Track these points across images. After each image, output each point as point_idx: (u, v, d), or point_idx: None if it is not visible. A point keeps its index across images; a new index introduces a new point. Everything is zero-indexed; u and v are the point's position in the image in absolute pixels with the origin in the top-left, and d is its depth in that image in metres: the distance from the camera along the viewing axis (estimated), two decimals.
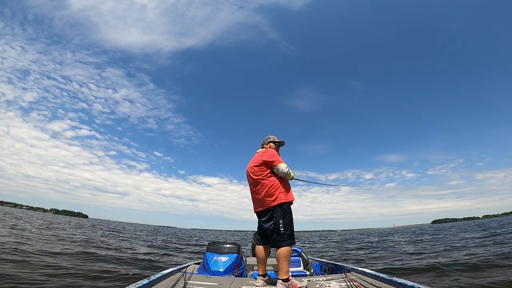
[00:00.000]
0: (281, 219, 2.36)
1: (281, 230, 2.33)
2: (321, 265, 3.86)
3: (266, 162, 2.56)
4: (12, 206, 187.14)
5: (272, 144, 2.88)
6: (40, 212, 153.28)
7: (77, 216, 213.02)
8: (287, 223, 2.37)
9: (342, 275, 2.62)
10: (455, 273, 4.69)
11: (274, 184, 2.49)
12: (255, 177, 2.57)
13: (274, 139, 2.92)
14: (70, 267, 4.80)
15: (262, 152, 2.70)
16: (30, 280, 3.78)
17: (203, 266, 3.12)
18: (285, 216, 2.40)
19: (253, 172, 2.60)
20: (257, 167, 2.59)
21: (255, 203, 2.62)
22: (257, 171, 2.58)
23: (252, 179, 2.61)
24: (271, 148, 2.80)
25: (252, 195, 2.66)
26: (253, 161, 2.71)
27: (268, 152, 2.64)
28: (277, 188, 2.48)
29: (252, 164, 2.66)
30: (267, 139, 2.93)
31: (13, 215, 28.65)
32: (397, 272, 5.25)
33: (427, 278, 4.65)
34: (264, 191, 2.48)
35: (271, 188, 2.47)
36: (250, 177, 2.66)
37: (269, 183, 2.50)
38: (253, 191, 2.62)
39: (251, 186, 2.65)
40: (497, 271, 4.60)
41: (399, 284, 1.93)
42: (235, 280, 2.52)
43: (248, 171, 2.70)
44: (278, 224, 2.35)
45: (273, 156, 2.59)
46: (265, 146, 2.89)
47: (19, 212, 51.55)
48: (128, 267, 5.48)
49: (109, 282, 4.15)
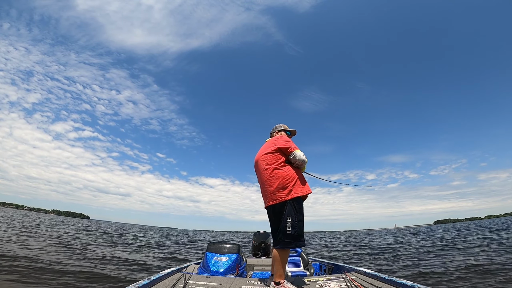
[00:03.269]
0: (289, 218, 2.10)
1: (287, 230, 2.08)
2: (321, 265, 3.85)
3: (281, 149, 2.27)
4: (14, 207, 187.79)
5: (283, 132, 2.60)
6: (41, 213, 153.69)
7: (79, 217, 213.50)
8: (295, 223, 2.11)
9: (342, 275, 2.61)
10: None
11: (289, 174, 2.20)
12: (267, 166, 2.26)
13: (285, 128, 2.66)
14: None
15: (275, 139, 2.40)
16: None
17: (203, 266, 3.12)
18: (295, 214, 2.13)
19: (265, 160, 2.29)
20: (269, 154, 2.29)
21: (265, 197, 2.30)
22: (270, 159, 2.27)
23: (264, 169, 2.28)
24: (284, 135, 2.50)
25: (262, 187, 2.35)
26: (264, 149, 2.41)
27: (282, 138, 2.36)
28: (292, 179, 2.18)
29: (263, 152, 2.36)
30: (278, 127, 2.66)
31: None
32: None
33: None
34: (278, 182, 2.17)
35: (285, 180, 2.17)
36: (260, 167, 2.34)
37: (283, 173, 2.19)
38: (263, 182, 2.30)
39: (262, 177, 2.32)
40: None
41: (399, 284, 1.92)
42: (235, 280, 2.52)
43: (258, 160, 2.40)
44: (286, 223, 2.10)
45: (288, 142, 2.32)
46: (275, 135, 2.61)
47: (17, 213, 51.66)
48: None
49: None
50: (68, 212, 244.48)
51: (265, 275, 3.41)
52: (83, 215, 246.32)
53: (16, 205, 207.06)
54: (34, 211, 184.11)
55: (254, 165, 2.50)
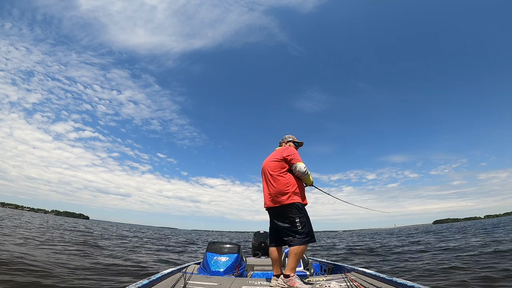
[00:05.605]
0: (297, 218, 2.34)
1: (298, 228, 2.31)
2: (321, 265, 3.85)
3: (286, 159, 2.56)
4: (14, 208, 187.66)
5: (292, 143, 2.89)
6: (41, 214, 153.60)
7: (78, 217, 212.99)
8: (304, 221, 2.34)
9: (342, 275, 2.61)
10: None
11: (290, 181, 2.48)
12: (272, 172, 2.56)
13: (294, 139, 2.92)
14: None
15: (282, 150, 2.69)
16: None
17: (203, 266, 3.12)
18: (301, 214, 2.37)
19: (270, 167, 2.60)
20: (275, 162, 2.59)
21: (267, 199, 2.59)
22: (275, 166, 2.57)
23: (269, 174, 2.59)
24: (291, 147, 2.79)
25: (264, 190, 2.65)
26: (271, 157, 2.71)
27: (289, 150, 2.64)
28: (292, 186, 2.45)
29: (270, 159, 2.67)
30: (287, 138, 2.93)
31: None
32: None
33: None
34: (279, 187, 2.46)
35: (286, 186, 2.45)
36: (266, 172, 2.64)
37: (285, 180, 2.48)
38: (267, 186, 2.61)
39: (267, 181, 2.62)
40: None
41: (399, 284, 1.92)
42: (235, 280, 2.52)
43: (264, 166, 2.71)
44: (295, 223, 2.33)
45: (293, 154, 2.58)
46: (283, 145, 2.89)
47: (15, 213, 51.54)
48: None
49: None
50: (68, 212, 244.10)
51: (265, 275, 3.41)
52: (83, 215, 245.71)
53: (15, 205, 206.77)
54: (34, 212, 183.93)
55: (261, 169, 2.77)
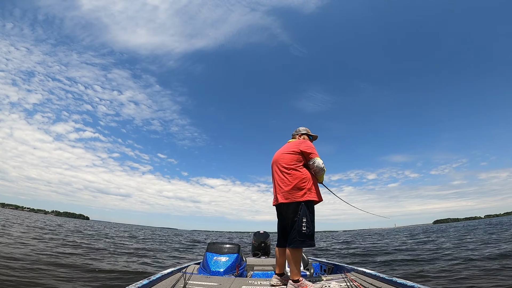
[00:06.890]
0: (304, 218, 2.15)
1: (302, 229, 2.13)
2: (321, 265, 3.84)
3: (303, 153, 2.33)
4: (14, 208, 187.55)
5: (306, 136, 2.66)
6: (41, 214, 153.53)
7: (78, 218, 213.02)
8: (310, 223, 2.18)
9: (342, 275, 2.61)
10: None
11: (307, 177, 2.26)
12: (286, 165, 2.32)
13: (308, 132, 2.69)
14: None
15: (299, 142, 2.45)
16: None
17: (203, 266, 3.12)
18: (309, 215, 2.19)
19: (285, 160, 2.35)
20: (290, 155, 2.35)
21: (279, 195, 2.33)
22: (290, 159, 2.33)
23: (283, 167, 2.34)
24: (308, 140, 2.57)
25: (276, 185, 2.40)
26: (285, 149, 2.46)
27: (306, 143, 2.43)
28: (309, 182, 2.24)
29: (284, 151, 2.42)
30: (301, 130, 2.69)
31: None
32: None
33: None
34: (295, 182, 2.23)
35: (302, 181, 2.23)
36: (279, 165, 2.39)
37: (301, 175, 2.25)
38: (279, 180, 2.36)
39: (279, 175, 2.37)
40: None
41: (399, 284, 1.92)
42: (235, 280, 2.51)
43: (276, 159, 2.46)
44: (301, 222, 2.15)
45: (311, 148, 2.37)
46: (297, 137, 2.66)
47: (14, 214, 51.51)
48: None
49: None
50: (68, 213, 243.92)
51: (265, 275, 3.41)
52: (83, 216, 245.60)
53: (16, 206, 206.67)
54: (34, 212, 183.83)
55: (272, 163, 2.54)
